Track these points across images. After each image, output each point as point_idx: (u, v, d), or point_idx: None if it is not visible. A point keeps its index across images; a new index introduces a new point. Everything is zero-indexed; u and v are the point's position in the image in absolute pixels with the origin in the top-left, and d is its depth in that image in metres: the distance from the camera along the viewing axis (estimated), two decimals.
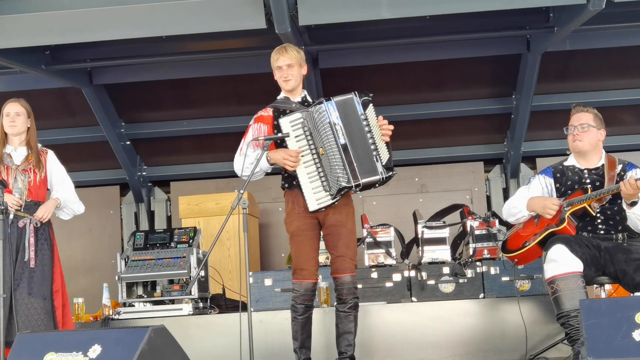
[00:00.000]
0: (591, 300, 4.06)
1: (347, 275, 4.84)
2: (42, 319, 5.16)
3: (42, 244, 5.30)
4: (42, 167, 5.41)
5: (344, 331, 4.88)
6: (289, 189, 4.90)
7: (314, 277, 4.86)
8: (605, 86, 7.83)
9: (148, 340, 3.90)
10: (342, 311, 4.88)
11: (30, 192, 5.33)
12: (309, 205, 4.77)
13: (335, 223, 4.84)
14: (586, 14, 5.92)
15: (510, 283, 6.05)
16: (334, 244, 4.87)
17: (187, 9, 6.05)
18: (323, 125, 4.70)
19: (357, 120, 4.75)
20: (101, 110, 7.78)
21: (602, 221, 4.82)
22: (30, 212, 5.27)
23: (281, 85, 4.97)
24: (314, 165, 4.76)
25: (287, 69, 4.90)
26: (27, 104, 5.47)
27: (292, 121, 4.78)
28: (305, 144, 4.76)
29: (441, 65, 7.68)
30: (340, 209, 4.86)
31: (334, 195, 4.72)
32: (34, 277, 5.21)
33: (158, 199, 8.89)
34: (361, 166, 4.71)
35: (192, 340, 5.86)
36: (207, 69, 7.54)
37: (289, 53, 4.91)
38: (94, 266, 8.55)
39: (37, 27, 6.19)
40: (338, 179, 4.67)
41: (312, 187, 4.76)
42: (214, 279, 6.79)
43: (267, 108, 4.96)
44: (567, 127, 4.97)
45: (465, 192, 8.45)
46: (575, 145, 4.92)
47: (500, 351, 5.81)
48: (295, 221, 4.86)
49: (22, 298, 5.14)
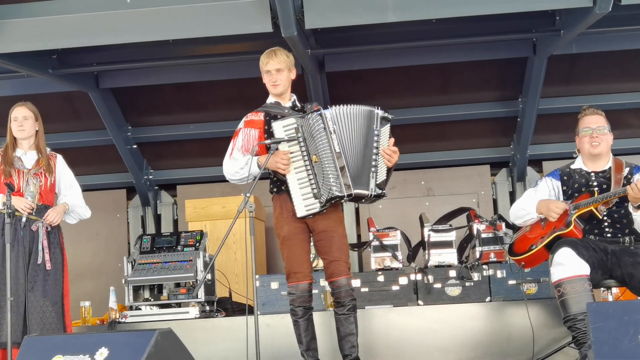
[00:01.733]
0: (598, 304, 4.05)
1: (343, 278, 4.84)
2: (55, 322, 5.20)
3: (54, 247, 5.35)
4: (52, 172, 5.45)
5: (345, 334, 4.88)
6: (277, 194, 4.90)
7: (308, 278, 4.85)
8: (612, 89, 7.81)
9: (155, 343, 3.91)
10: (342, 314, 4.87)
11: (42, 196, 5.38)
12: (297, 211, 4.76)
13: (326, 229, 4.84)
14: (592, 17, 5.91)
15: (517, 286, 6.04)
16: (326, 249, 4.86)
17: (193, 13, 6.06)
18: (318, 133, 4.69)
19: (369, 133, 4.74)
20: (108, 113, 7.79)
21: (609, 224, 4.81)
22: (41, 216, 5.31)
23: (269, 90, 4.97)
24: (305, 171, 4.75)
25: (276, 73, 4.90)
26: (34, 107, 5.49)
27: (285, 126, 4.77)
28: (297, 149, 4.75)
29: (447, 69, 7.68)
30: (330, 215, 4.85)
31: (323, 203, 4.71)
32: (48, 280, 5.25)
33: (165, 202, 8.90)
34: (356, 177, 4.70)
35: (198, 343, 5.86)
36: (214, 73, 7.55)
37: (278, 57, 4.91)
38: (101, 269, 8.57)
39: (44, 31, 6.20)
40: (330, 188, 4.66)
41: (301, 193, 4.76)
42: (220, 282, 6.79)
43: (258, 112, 4.95)
44: (583, 129, 4.93)
45: (471, 196, 8.44)
46: (593, 148, 4.88)
47: (507, 355, 5.80)
48: (285, 226, 4.85)
49: (37, 301, 5.17)
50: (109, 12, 6.09)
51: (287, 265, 4.87)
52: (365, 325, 5.94)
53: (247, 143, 4.88)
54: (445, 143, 8.45)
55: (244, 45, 7.07)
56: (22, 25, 6.16)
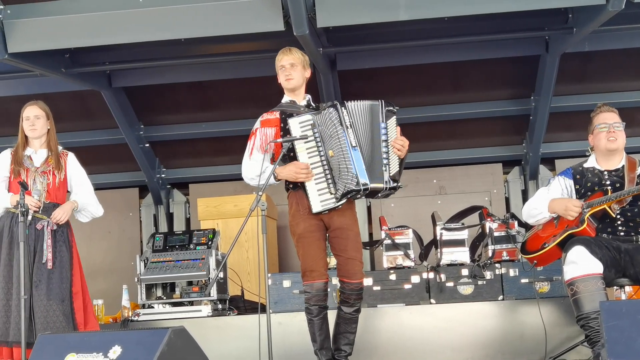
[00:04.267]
0: (611, 302, 4.04)
1: (359, 282, 4.86)
2: (60, 321, 5.18)
3: (60, 245, 5.33)
4: (61, 169, 5.43)
5: (345, 330, 4.91)
6: (293, 190, 4.91)
7: (324, 277, 4.86)
8: (625, 87, 7.78)
9: (168, 341, 3.92)
10: (349, 314, 4.89)
11: (49, 193, 5.37)
12: (313, 206, 4.77)
13: (342, 226, 4.85)
14: (605, 15, 5.88)
15: (530, 285, 6.02)
16: (342, 246, 4.87)
17: (205, 12, 6.07)
18: (334, 128, 4.70)
19: (377, 127, 4.76)
20: (120, 112, 7.81)
21: (622, 223, 4.79)
22: (49, 214, 5.31)
23: (283, 85, 4.98)
24: (321, 167, 4.77)
25: (289, 67, 4.92)
26: (45, 106, 5.51)
27: (301, 122, 4.79)
28: (313, 145, 4.77)
29: (459, 67, 7.66)
30: (345, 212, 4.86)
31: (339, 198, 4.72)
32: (52, 279, 5.23)
33: (177, 201, 8.92)
34: (371, 171, 4.71)
35: (210, 341, 5.86)
36: (226, 72, 7.55)
37: (292, 53, 4.97)
38: (114, 268, 8.59)
39: (56, 30, 6.22)
40: (346, 182, 4.67)
41: (317, 188, 4.77)
42: (232, 281, 6.80)
43: (273, 111, 4.96)
44: (599, 125, 4.90)
45: (483, 194, 8.42)
46: (610, 144, 4.86)
47: (519, 353, 5.79)
48: (301, 223, 4.86)
49: (41, 300, 5.16)
50: (121, 11, 6.11)
51: (302, 263, 4.88)
52: (377, 324, 5.95)
53: (265, 142, 4.89)
54: (457, 141, 8.44)
55: (256, 44, 7.08)
56: (34, 24, 6.18)
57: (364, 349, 5.76)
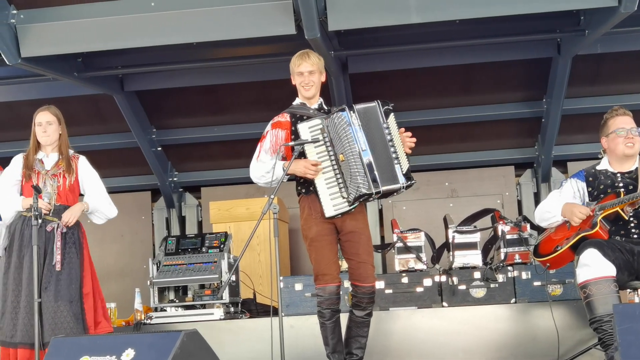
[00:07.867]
0: (625, 305, 4.02)
1: (371, 285, 4.86)
2: (69, 323, 5.18)
3: (70, 247, 5.33)
4: (72, 172, 5.44)
5: (357, 334, 4.91)
6: (305, 194, 4.90)
7: (337, 280, 4.85)
8: (637, 89, 7.75)
9: (181, 344, 3.93)
10: (360, 317, 4.89)
11: (60, 196, 5.38)
12: (326, 211, 4.77)
13: (354, 229, 4.84)
14: (617, 17, 5.87)
15: (542, 288, 6.01)
16: (354, 250, 4.86)
17: (217, 16, 6.09)
18: (345, 132, 4.69)
19: (379, 128, 4.75)
20: (132, 116, 7.84)
21: (635, 225, 4.77)
22: (59, 216, 5.32)
23: (300, 91, 4.97)
24: (332, 171, 4.76)
25: (308, 75, 4.90)
26: (57, 110, 5.52)
27: (311, 127, 4.78)
28: (324, 149, 4.76)
29: (471, 69, 7.66)
30: (356, 215, 4.86)
31: (351, 202, 4.72)
32: (60, 281, 5.24)
33: (189, 204, 8.95)
34: (382, 174, 4.70)
35: (223, 345, 5.87)
36: (237, 75, 7.58)
37: (311, 59, 4.91)
38: (126, 271, 8.63)
39: (69, 35, 6.26)
40: (358, 186, 4.66)
41: (329, 192, 4.76)
42: (244, 284, 6.81)
43: (284, 114, 4.96)
44: (617, 129, 4.86)
45: (496, 197, 8.41)
46: (628, 149, 4.81)
47: (532, 356, 5.78)
48: (314, 227, 4.85)
49: (49, 302, 5.17)
50: (133, 16, 6.15)
51: (315, 267, 4.87)
52: (389, 327, 5.94)
53: (275, 145, 4.88)
54: (469, 144, 8.43)
55: (267, 48, 7.09)
56: (47, 29, 6.22)
57: (376, 352, 5.77)
